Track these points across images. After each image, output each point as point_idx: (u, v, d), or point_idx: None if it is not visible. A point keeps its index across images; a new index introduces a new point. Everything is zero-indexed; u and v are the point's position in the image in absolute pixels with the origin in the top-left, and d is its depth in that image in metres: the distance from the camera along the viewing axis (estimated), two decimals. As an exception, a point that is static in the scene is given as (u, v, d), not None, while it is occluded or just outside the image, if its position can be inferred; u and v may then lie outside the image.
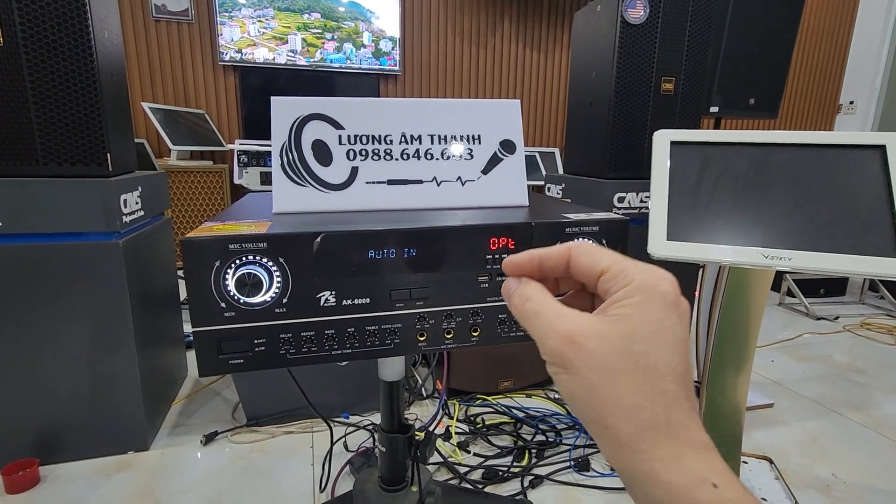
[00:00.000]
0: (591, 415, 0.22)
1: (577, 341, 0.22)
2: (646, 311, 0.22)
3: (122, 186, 1.11)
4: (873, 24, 3.73)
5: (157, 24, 2.72)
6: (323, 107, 0.54)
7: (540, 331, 0.24)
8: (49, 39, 0.98)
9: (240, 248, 0.41)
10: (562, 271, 0.27)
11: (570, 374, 0.22)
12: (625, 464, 0.22)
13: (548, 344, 0.23)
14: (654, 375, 0.22)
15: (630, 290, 0.23)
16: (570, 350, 0.22)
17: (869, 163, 0.94)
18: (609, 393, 0.22)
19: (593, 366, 0.22)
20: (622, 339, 0.22)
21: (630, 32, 1.42)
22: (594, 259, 0.25)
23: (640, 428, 0.21)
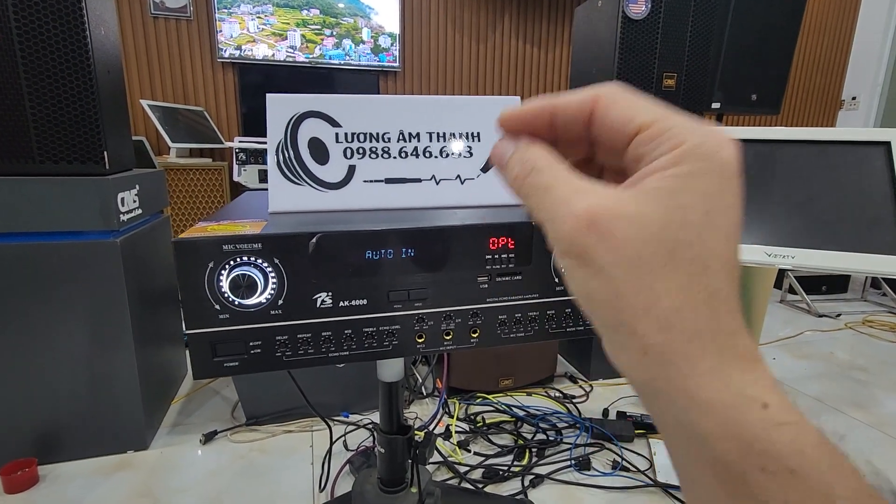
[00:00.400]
0: (612, 319, 0.18)
1: (603, 225, 0.17)
2: (699, 185, 0.17)
3: (119, 185, 1.10)
4: (876, 20, 3.70)
5: (155, 20, 2.71)
6: (319, 104, 0.53)
7: (550, 210, 0.18)
8: (44, 36, 0.97)
9: (234, 248, 0.40)
10: (580, 129, 0.20)
11: (591, 268, 0.17)
12: (650, 378, 0.17)
13: (561, 228, 0.18)
14: (702, 271, 0.17)
15: (679, 154, 0.17)
16: (593, 237, 0.17)
17: (873, 159, 0.93)
18: (642, 294, 0.17)
19: (623, 259, 0.17)
20: (664, 224, 0.17)
21: (631, 28, 1.41)
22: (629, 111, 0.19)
23: (679, 338, 0.17)
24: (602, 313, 0.18)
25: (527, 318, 0.49)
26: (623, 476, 1.15)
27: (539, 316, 0.49)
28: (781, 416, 0.16)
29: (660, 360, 0.17)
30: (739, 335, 0.17)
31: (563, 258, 0.18)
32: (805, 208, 0.93)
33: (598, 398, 1.50)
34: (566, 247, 0.18)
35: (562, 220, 0.18)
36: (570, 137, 0.21)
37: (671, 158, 0.17)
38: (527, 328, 0.49)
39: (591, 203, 0.17)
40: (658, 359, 0.17)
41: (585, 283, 0.18)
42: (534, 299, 0.48)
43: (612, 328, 0.18)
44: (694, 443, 0.17)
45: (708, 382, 0.17)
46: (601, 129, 0.19)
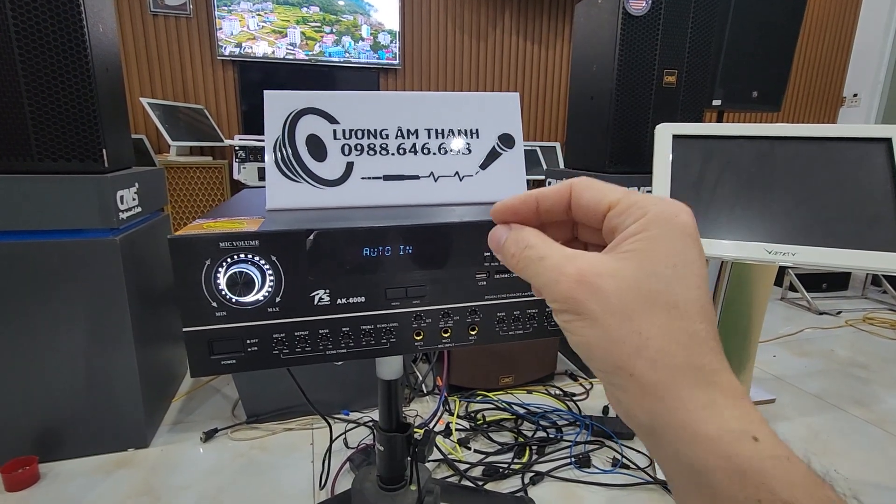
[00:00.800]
0: (611, 364, 0.20)
1: (592, 281, 0.20)
2: (664, 244, 0.20)
3: (118, 182, 1.10)
4: (877, 17, 3.69)
5: (154, 18, 2.70)
6: (317, 101, 0.53)
7: (546, 276, 0.21)
8: (42, 34, 0.97)
9: (231, 246, 0.40)
10: (561, 213, 0.24)
11: (585, 319, 0.20)
12: (651, 416, 0.19)
13: (557, 289, 0.20)
14: (680, 315, 0.19)
15: (644, 222, 0.20)
16: (584, 292, 0.20)
17: (874, 156, 0.92)
18: (630, 337, 0.19)
19: (611, 308, 0.19)
20: (641, 277, 0.19)
21: (632, 24, 1.40)
22: (599, 193, 0.22)
23: (669, 374, 0.19)
24: (601, 358, 0.20)
25: (525, 315, 0.48)
26: (623, 473, 1.15)
27: (538, 313, 0.49)
28: (772, 450, 0.18)
29: (657, 398, 0.19)
30: (723, 373, 0.19)
31: (562, 314, 0.21)
32: (806, 205, 0.93)
33: (599, 396, 1.50)
34: (563, 304, 0.20)
35: (555, 281, 0.21)
36: (554, 221, 0.25)
37: (639, 226, 0.20)
38: (525, 325, 0.49)
39: (578, 265, 0.21)
40: (655, 397, 0.19)
41: (583, 333, 0.20)
42: (532, 296, 0.48)
43: (612, 372, 0.20)
44: (694, 476, 0.18)
45: (702, 416, 0.18)
46: (578, 210, 0.23)
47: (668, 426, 0.18)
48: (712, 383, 0.19)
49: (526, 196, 0.24)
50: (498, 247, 0.25)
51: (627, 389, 0.19)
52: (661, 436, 0.19)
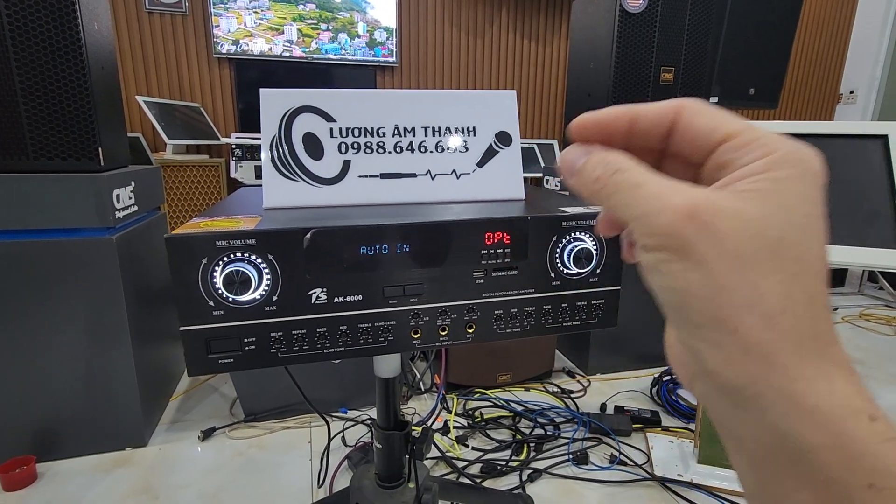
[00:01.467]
0: (710, 315, 0.17)
1: (705, 218, 0.16)
2: (796, 189, 0.17)
3: (114, 181, 1.10)
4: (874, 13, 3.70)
5: (150, 16, 2.69)
6: (313, 99, 0.53)
7: (643, 206, 0.18)
8: (37, 32, 0.97)
9: (228, 244, 0.40)
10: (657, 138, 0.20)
11: (689, 261, 0.17)
12: (747, 380, 0.16)
13: (658, 221, 0.17)
14: (803, 272, 0.17)
15: (771, 161, 0.17)
16: (695, 229, 0.17)
17: (870, 153, 0.93)
18: (746, 290, 0.16)
19: (726, 253, 0.16)
20: (766, 222, 0.16)
21: (629, 21, 1.40)
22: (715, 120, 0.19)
23: (782, 337, 0.16)
24: (699, 308, 0.17)
25: (523, 313, 0.48)
26: (620, 470, 1.15)
27: (535, 311, 0.49)
28: (890, 432, 0.16)
29: (762, 361, 0.16)
30: (836, 344, 0.17)
31: (657, 251, 0.18)
32: (802, 202, 0.93)
33: (596, 393, 1.50)
34: (663, 239, 0.17)
35: (658, 212, 0.17)
36: (643, 146, 0.21)
37: (764, 164, 0.17)
38: (523, 323, 0.49)
39: (690, 196, 0.17)
40: (761, 359, 0.16)
41: (682, 276, 0.17)
42: (530, 294, 0.48)
43: (709, 325, 0.17)
44: (791, 453, 0.16)
45: (814, 388, 0.16)
46: (684, 135, 0.20)
47: (768, 393, 0.16)
48: (825, 353, 0.16)
49: (620, 110, 0.21)
50: (572, 169, 0.21)
51: (722, 347, 0.17)
52: (755, 403, 0.17)
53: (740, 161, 0.18)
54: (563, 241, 0.48)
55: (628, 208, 0.19)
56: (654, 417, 1.32)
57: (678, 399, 1.42)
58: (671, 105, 0.20)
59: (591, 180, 0.20)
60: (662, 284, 0.18)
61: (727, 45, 1.80)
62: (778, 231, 0.17)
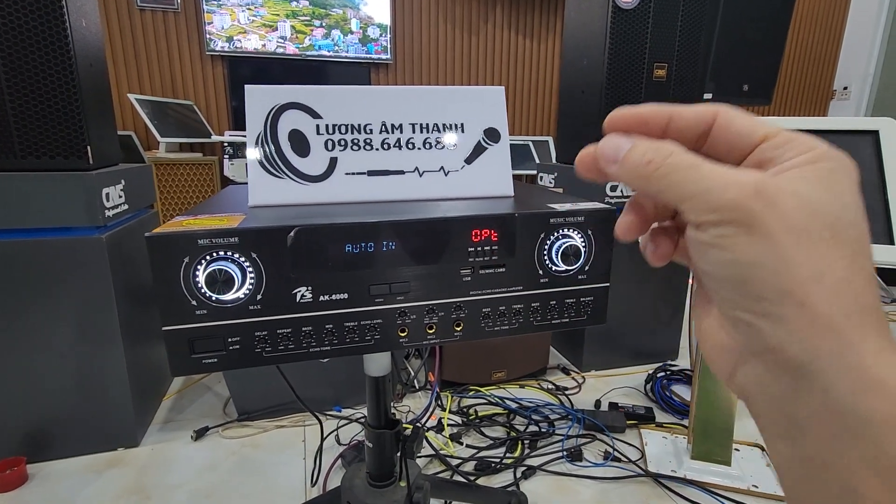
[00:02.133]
0: (777, 288, 0.17)
1: (771, 194, 0.17)
2: (843, 177, 0.18)
3: (103, 180, 1.09)
4: (867, 9, 3.71)
5: (142, 13, 2.67)
6: (299, 95, 0.52)
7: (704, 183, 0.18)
8: (22, 28, 0.95)
9: (210, 243, 0.39)
10: (692, 138, 0.21)
11: (755, 234, 0.17)
12: (811, 354, 0.17)
13: (722, 196, 0.18)
14: (861, 251, 0.17)
15: (814, 155, 0.18)
16: (762, 204, 0.17)
17: (862, 149, 0.93)
18: (812, 263, 0.17)
19: (792, 227, 0.17)
20: (826, 203, 0.17)
21: (622, 18, 1.40)
22: (753, 122, 0.20)
23: (848, 309, 0.16)
24: (765, 281, 0.17)
25: (511, 310, 0.48)
26: (614, 466, 1.15)
27: (523, 308, 0.48)
28: None
29: (830, 333, 0.16)
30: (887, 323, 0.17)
31: (721, 226, 0.18)
32: (794, 198, 0.93)
33: (591, 390, 1.50)
34: (728, 213, 0.18)
35: (722, 188, 0.18)
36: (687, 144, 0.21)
37: (808, 158, 0.18)
38: (511, 321, 0.48)
39: (753, 175, 0.18)
40: (828, 331, 0.16)
41: (748, 249, 0.17)
42: (518, 292, 0.48)
43: (775, 298, 0.17)
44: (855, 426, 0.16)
45: (880, 361, 0.16)
46: (722, 136, 0.21)
47: (834, 367, 0.16)
48: (884, 329, 0.17)
49: (659, 107, 0.21)
50: (616, 155, 0.21)
51: (788, 321, 0.17)
52: (819, 379, 0.16)
53: (784, 157, 0.19)
54: (552, 237, 0.48)
55: (685, 186, 0.19)
56: (648, 414, 1.33)
57: (672, 395, 1.42)
58: (709, 108, 0.21)
59: (641, 163, 0.20)
60: (725, 259, 0.18)
61: (721, 41, 1.80)
62: (835, 212, 0.17)
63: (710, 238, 0.19)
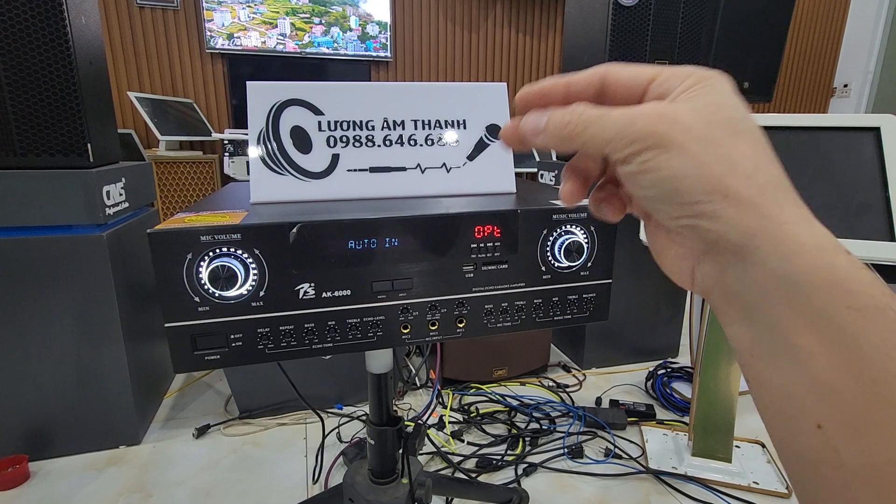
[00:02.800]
0: (703, 189, 0.20)
1: (672, 115, 0.20)
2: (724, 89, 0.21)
3: (104, 178, 1.08)
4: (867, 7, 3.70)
5: (141, 10, 2.66)
6: (301, 92, 0.52)
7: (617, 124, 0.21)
8: (22, 26, 0.95)
9: (212, 239, 0.39)
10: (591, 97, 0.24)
11: (671, 150, 0.20)
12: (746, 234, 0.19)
13: (634, 129, 0.20)
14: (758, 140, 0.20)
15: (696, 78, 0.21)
16: (667, 124, 0.20)
17: (863, 145, 0.93)
18: (721, 160, 0.19)
19: (697, 136, 0.20)
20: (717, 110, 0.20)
21: (622, 15, 1.40)
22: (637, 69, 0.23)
23: (765, 189, 0.19)
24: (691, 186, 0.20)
25: (513, 307, 0.48)
26: (615, 463, 1.15)
27: (526, 305, 0.48)
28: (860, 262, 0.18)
29: (754, 214, 0.19)
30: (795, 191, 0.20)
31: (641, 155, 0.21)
32: (795, 195, 0.93)
33: (591, 387, 1.50)
34: (643, 141, 0.20)
35: (631, 123, 0.21)
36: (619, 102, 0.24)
37: (691, 81, 0.21)
38: (513, 317, 0.48)
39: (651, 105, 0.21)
40: (753, 213, 0.19)
41: (669, 165, 0.20)
42: (520, 288, 0.48)
43: (703, 200, 0.20)
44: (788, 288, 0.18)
45: (801, 230, 0.19)
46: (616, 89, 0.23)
47: (766, 240, 0.19)
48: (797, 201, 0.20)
49: (556, 79, 0.24)
50: (537, 128, 0.24)
51: (720, 214, 0.19)
52: (754, 253, 0.19)
53: (672, 88, 0.22)
54: (554, 234, 0.48)
55: (603, 133, 0.21)
56: (648, 411, 1.33)
57: (673, 392, 1.42)
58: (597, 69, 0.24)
59: (560, 126, 0.23)
60: (654, 178, 0.21)
61: (721, 39, 1.79)
62: (725, 113, 0.20)
63: (636, 167, 0.21)
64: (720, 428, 1.09)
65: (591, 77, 0.24)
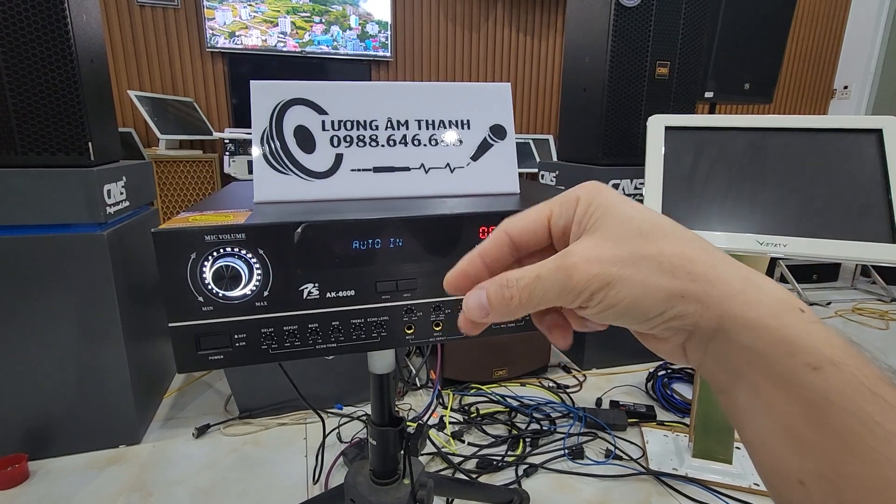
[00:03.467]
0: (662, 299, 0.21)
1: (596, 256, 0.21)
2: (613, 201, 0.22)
3: (105, 176, 1.08)
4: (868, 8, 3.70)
5: (142, 9, 2.66)
6: (305, 91, 0.52)
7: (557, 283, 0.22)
8: (24, 25, 0.95)
9: (217, 239, 0.39)
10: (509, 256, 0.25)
11: (615, 283, 0.21)
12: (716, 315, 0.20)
13: (575, 280, 0.21)
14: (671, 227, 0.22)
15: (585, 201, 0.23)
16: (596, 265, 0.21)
17: (865, 147, 0.93)
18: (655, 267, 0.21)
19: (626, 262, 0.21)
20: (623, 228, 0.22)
21: (624, 16, 1.40)
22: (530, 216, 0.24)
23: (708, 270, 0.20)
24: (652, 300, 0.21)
25: (517, 308, 0.48)
26: (616, 464, 1.15)
27: (530, 306, 0.48)
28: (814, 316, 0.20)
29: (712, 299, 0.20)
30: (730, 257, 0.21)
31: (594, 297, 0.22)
32: (796, 196, 0.93)
33: (592, 388, 1.50)
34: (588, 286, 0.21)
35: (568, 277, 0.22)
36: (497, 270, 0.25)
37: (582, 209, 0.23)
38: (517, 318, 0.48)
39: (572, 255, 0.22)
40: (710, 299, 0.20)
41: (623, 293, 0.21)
42: (524, 289, 0.48)
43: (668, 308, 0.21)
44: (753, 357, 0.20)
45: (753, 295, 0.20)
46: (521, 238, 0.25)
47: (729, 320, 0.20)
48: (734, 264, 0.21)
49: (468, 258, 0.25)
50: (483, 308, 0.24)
51: (685, 314, 0.21)
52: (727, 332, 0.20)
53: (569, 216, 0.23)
54: (558, 235, 0.48)
55: (547, 293, 0.22)
56: (649, 412, 1.33)
57: (673, 394, 1.42)
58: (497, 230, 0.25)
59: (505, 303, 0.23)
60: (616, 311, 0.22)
61: (722, 40, 1.79)
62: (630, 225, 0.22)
63: (596, 308, 0.22)
64: (721, 429, 1.09)
65: (499, 240, 0.25)
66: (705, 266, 0.21)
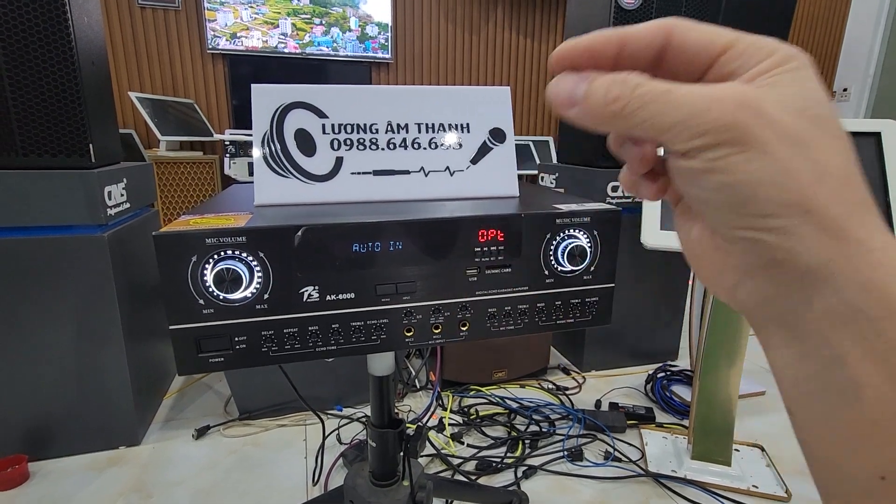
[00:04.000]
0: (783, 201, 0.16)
1: (756, 106, 0.16)
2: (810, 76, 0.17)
3: (105, 178, 1.08)
4: (867, 11, 3.71)
5: (142, 11, 2.67)
6: (306, 94, 0.52)
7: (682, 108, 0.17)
8: (25, 26, 0.95)
9: (218, 242, 0.39)
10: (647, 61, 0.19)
11: (751, 150, 0.16)
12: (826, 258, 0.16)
13: (708, 118, 0.17)
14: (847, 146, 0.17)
15: (778, 59, 0.17)
16: (750, 116, 0.16)
17: (863, 150, 0.93)
18: (808, 166, 0.16)
19: (784, 135, 0.16)
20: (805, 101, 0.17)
21: (624, 17, 1.40)
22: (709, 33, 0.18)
23: (852, 210, 0.16)
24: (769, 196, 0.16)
25: (516, 310, 0.48)
26: (615, 466, 1.15)
27: (529, 308, 0.49)
28: None
29: (837, 237, 0.16)
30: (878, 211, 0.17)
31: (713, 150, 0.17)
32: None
33: (591, 390, 1.50)
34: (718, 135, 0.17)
35: (704, 110, 0.17)
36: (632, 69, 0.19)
37: (772, 62, 0.17)
38: (517, 321, 0.49)
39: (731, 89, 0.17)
40: (835, 235, 0.16)
41: (747, 167, 0.16)
42: (523, 292, 0.48)
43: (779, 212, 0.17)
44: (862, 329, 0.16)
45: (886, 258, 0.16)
46: (679, 53, 0.19)
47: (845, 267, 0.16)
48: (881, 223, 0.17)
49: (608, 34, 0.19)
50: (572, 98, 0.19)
51: (796, 231, 0.16)
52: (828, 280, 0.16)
53: (748, 65, 0.18)
54: (557, 238, 0.48)
55: (664, 116, 0.17)
56: (648, 414, 1.33)
57: (672, 396, 1.42)
58: (660, 24, 0.19)
59: (607, 101, 0.18)
60: (722, 181, 0.17)
61: (722, 42, 1.80)
62: (814, 108, 0.17)
63: (702, 164, 0.17)
64: (720, 431, 1.10)
65: (654, 34, 0.19)
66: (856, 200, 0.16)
